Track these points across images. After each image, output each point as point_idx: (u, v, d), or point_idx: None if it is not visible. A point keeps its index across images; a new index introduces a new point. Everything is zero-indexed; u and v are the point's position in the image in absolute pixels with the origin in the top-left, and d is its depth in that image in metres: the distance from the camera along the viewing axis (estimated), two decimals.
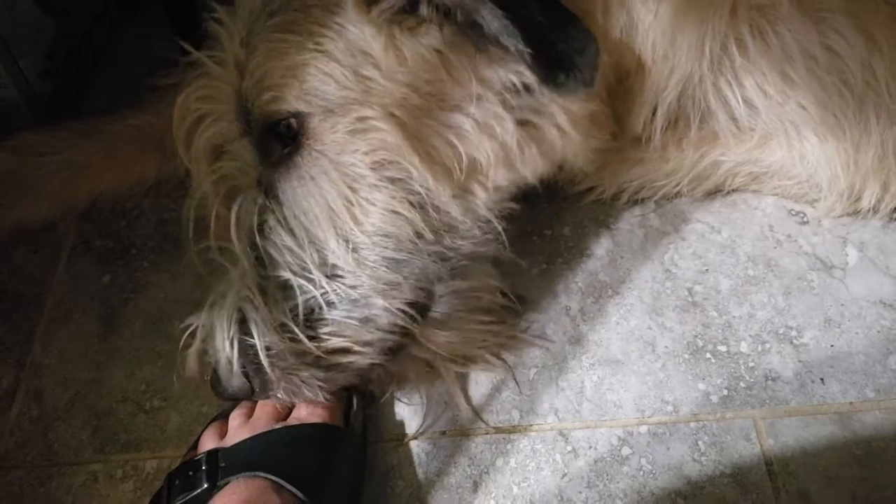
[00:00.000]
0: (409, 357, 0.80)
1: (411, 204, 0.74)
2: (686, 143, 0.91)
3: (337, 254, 0.74)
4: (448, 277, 0.79)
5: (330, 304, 0.74)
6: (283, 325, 0.73)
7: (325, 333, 0.74)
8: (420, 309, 0.79)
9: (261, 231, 0.75)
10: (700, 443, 0.80)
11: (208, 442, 0.77)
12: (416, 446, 0.82)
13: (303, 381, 0.75)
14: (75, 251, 1.02)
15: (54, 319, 0.96)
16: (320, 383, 0.75)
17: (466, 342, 0.82)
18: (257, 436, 0.75)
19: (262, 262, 0.75)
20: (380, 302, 0.75)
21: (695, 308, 0.89)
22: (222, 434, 0.78)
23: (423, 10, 0.72)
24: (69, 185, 1.04)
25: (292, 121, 0.73)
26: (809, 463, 0.78)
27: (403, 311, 0.77)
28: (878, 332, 0.85)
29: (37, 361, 0.93)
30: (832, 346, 0.85)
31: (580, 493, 0.78)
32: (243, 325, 0.73)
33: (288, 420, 0.78)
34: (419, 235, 0.76)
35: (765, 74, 0.82)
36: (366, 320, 0.76)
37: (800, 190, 0.93)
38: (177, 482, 0.73)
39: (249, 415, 0.79)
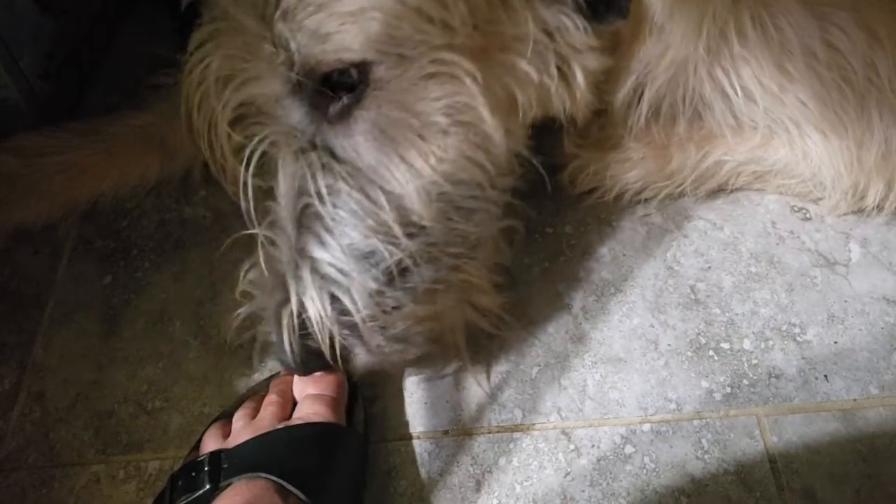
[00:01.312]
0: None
1: (478, 147, 0.73)
2: (688, 143, 0.91)
3: (417, 208, 0.70)
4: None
5: (416, 265, 0.72)
6: (376, 291, 0.71)
7: (412, 296, 0.73)
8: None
9: (323, 196, 0.70)
10: (703, 440, 0.80)
11: (210, 442, 0.77)
12: (418, 445, 0.82)
13: (402, 344, 0.74)
14: (76, 252, 1.02)
15: (55, 320, 0.96)
16: (416, 343, 0.75)
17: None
18: (259, 436, 0.74)
19: (329, 230, 0.71)
20: (451, 261, 0.74)
21: (697, 305, 0.89)
22: (224, 434, 0.78)
23: None
24: (70, 186, 1.03)
25: (352, 70, 0.67)
26: (813, 460, 0.78)
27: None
28: (882, 328, 0.85)
29: (38, 362, 0.93)
30: (835, 342, 0.85)
31: (583, 491, 0.78)
32: (334, 299, 0.70)
33: (290, 420, 0.77)
34: (485, 181, 0.74)
35: (762, 66, 0.82)
36: (442, 279, 0.75)
37: (804, 188, 0.92)
38: (179, 483, 0.73)
39: (253, 415, 0.79)
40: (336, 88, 0.67)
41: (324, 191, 0.70)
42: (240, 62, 0.70)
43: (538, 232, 0.96)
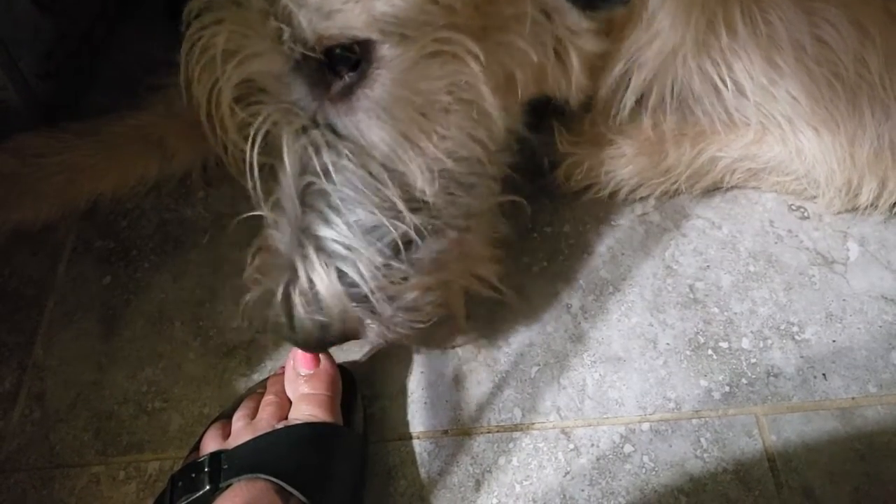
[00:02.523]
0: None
1: (478, 124, 0.73)
2: (683, 140, 0.91)
3: (421, 185, 0.71)
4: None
5: (421, 237, 0.73)
6: (383, 264, 0.72)
7: (419, 267, 0.74)
8: None
9: (327, 173, 0.70)
10: (702, 439, 0.80)
11: (210, 443, 0.77)
12: (417, 445, 0.82)
13: (413, 313, 0.75)
14: (76, 252, 1.02)
15: (55, 321, 0.96)
16: (425, 312, 0.76)
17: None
18: (259, 437, 0.74)
19: (334, 208, 0.71)
20: (453, 234, 0.75)
21: (696, 304, 0.89)
22: (224, 435, 0.78)
23: None
24: (69, 187, 1.03)
25: (356, 48, 0.67)
26: (812, 458, 0.78)
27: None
28: (880, 326, 0.85)
29: (38, 363, 0.93)
30: (834, 341, 0.85)
31: (583, 490, 0.78)
32: (341, 274, 0.71)
33: (289, 420, 0.78)
34: (484, 156, 0.75)
35: (752, 60, 0.81)
36: (447, 250, 0.75)
37: (798, 186, 0.92)
38: (179, 484, 0.73)
39: (252, 415, 0.79)
40: (338, 66, 0.68)
41: (329, 168, 0.70)
42: (240, 38, 0.69)
43: (537, 231, 0.96)
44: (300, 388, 0.79)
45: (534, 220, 0.96)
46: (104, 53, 1.24)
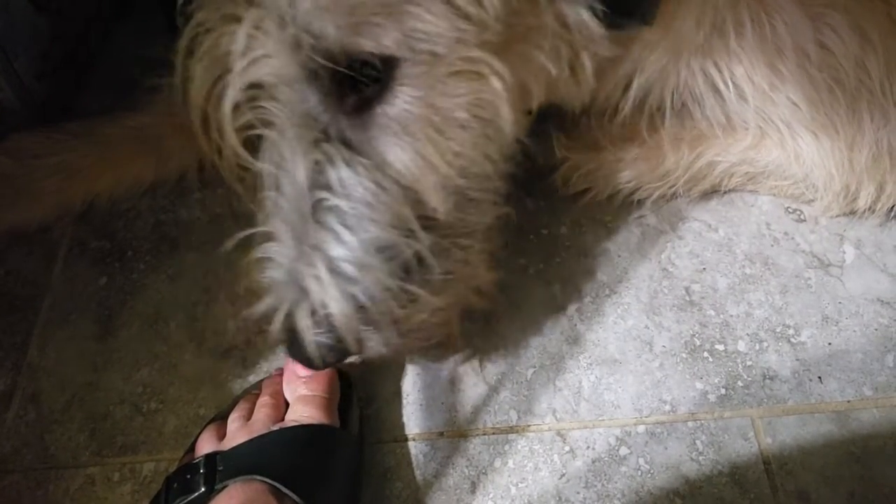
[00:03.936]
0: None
1: (491, 141, 0.71)
2: (681, 144, 0.91)
3: (434, 203, 0.69)
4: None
5: (433, 255, 0.71)
6: (396, 286, 0.69)
7: (429, 288, 0.72)
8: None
9: (341, 189, 0.67)
10: (698, 442, 0.80)
11: (205, 444, 0.77)
12: (413, 447, 0.82)
13: (417, 333, 0.73)
14: (71, 253, 1.02)
15: (50, 322, 0.96)
16: (429, 332, 0.75)
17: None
18: (255, 439, 0.74)
19: (347, 226, 0.68)
20: (459, 253, 0.74)
21: (692, 307, 0.89)
22: (220, 436, 0.78)
23: None
24: (65, 187, 1.03)
25: (378, 63, 0.63)
26: (807, 461, 0.78)
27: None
28: (876, 329, 0.86)
29: (33, 364, 0.92)
30: (830, 344, 0.85)
31: (578, 493, 0.78)
32: (353, 296, 0.69)
33: (285, 421, 0.77)
34: (494, 173, 0.74)
35: (754, 65, 0.81)
36: (453, 270, 0.74)
37: (796, 190, 0.93)
38: (175, 485, 0.72)
39: (247, 416, 0.79)
40: (356, 78, 0.64)
41: (344, 183, 0.67)
42: (251, 38, 0.64)
43: (533, 233, 0.96)
44: (298, 389, 0.79)
45: (530, 222, 0.96)
46: (100, 54, 1.24)
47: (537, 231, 0.96)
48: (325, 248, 0.68)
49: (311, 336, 0.70)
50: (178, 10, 0.69)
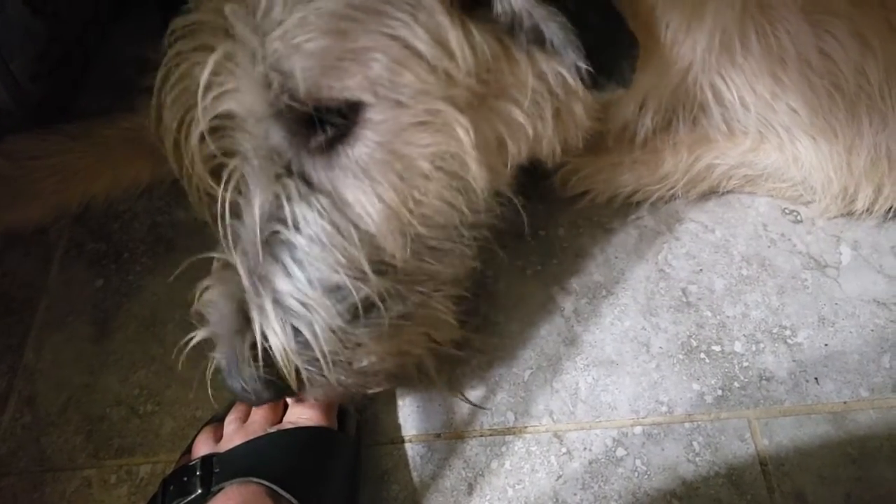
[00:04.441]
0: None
1: (458, 191, 0.71)
2: (680, 147, 0.91)
3: (391, 248, 0.69)
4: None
5: (383, 302, 0.70)
6: (340, 328, 0.69)
7: (376, 333, 0.71)
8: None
9: (295, 225, 0.67)
10: (694, 443, 0.80)
11: (202, 446, 0.77)
12: (410, 449, 0.82)
13: (364, 377, 0.73)
14: (68, 255, 1.02)
15: (47, 323, 0.96)
16: (378, 377, 0.74)
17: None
18: (251, 441, 0.74)
19: (297, 261, 0.68)
20: (416, 298, 0.73)
21: (689, 308, 0.89)
22: (216, 438, 0.78)
23: (497, 6, 0.67)
24: (61, 189, 1.03)
25: (343, 107, 0.65)
26: (804, 462, 0.78)
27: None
28: (872, 330, 0.86)
29: (29, 366, 0.92)
30: (826, 345, 0.85)
31: (575, 494, 0.78)
32: (296, 332, 0.68)
33: (282, 423, 0.77)
34: (461, 224, 0.73)
35: (756, 75, 0.82)
36: (408, 315, 0.73)
37: (794, 192, 0.93)
38: (171, 488, 0.72)
39: (244, 419, 0.79)
40: (322, 119, 0.65)
41: (298, 219, 0.68)
42: (223, 70, 0.66)
43: (531, 235, 0.96)
44: None
45: (527, 223, 0.95)
46: (97, 55, 1.24)
47: (534, 232, 0.96)
48: (273, 281, 0.69)
49: (248, 368, 0.69)
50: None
